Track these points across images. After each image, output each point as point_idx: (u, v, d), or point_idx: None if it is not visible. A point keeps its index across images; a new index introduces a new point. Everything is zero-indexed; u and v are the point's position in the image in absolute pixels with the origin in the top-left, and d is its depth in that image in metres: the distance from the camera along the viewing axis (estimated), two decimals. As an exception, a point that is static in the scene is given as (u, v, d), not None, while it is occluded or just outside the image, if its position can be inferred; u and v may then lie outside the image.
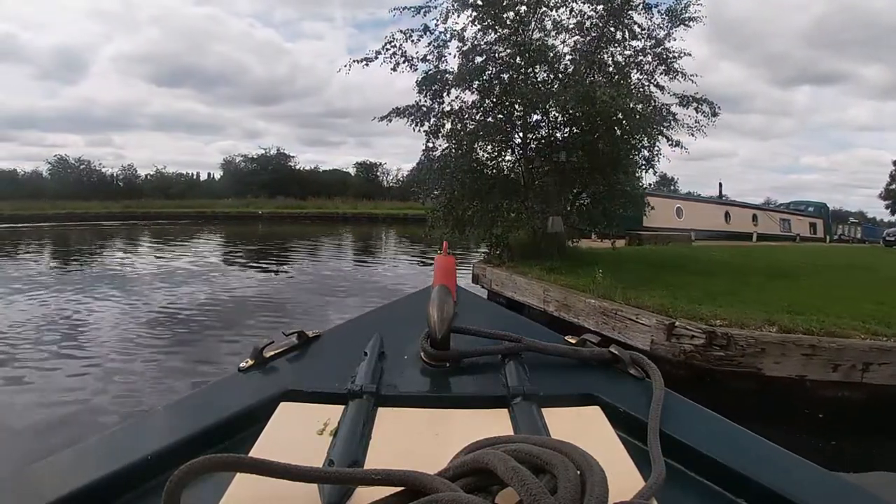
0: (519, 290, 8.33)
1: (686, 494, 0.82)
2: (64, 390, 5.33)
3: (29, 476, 0.81)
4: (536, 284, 7.89)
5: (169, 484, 0.61)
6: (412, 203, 44.17)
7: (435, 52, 10.06)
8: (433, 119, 10.17)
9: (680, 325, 5.63)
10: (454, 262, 1.39)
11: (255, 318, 8.72)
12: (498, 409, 0.99)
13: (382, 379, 1.07)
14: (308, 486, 0.71)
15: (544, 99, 9.16)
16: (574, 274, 8.42)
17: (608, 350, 1.17)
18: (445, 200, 10.17)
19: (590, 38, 10.10)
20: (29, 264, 15.26)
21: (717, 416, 1.00)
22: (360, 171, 54.10)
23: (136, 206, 37.73)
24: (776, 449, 0.90)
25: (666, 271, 9.51)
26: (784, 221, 28.02)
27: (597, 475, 0.64)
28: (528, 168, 10.54)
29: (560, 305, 7.23)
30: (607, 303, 6.56)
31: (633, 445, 0.90)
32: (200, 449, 0.82)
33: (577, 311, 6.87)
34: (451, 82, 9.86)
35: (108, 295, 10.21)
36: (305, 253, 19.95)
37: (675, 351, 5.57)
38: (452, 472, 0.69)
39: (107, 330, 7.64)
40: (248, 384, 1.08)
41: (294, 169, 51.01)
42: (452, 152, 10.00)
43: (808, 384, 5.14)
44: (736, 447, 0.88)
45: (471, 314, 1.33)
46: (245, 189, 45.03)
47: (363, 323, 1.45)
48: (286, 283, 12.98)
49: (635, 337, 5.97)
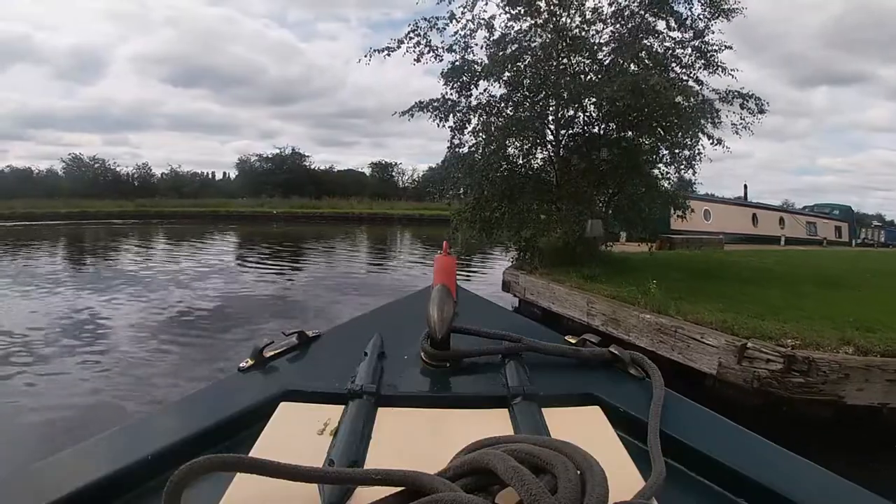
0: (558, 300, 7.59)
1: (686, 494, 0.81)
2: (77, 386, 5.47)
3: (29, 476, 0.81)
4: (578, 295, 7.14)
5: (169, 484, 0.61)
6: (428, 203, 44.28)
7: (462, 41, 9.39)
8: (459, 114, 9.48)
9: (753, 348, 4.94)
10: (454, 262, 1.36)
11: (270, 319, 8.63)
12: (498, 409, 0.99)
13: (382, 379, 1.07)
14: (308, 486, 0.70)
15: (586, 90, 8.37)
16: (614, 282, 7.71)
17: (608, 350, 1.16)
18: (473, 201, 9.39)
19: (630, 27, 9.33)
20: (39, 262, 15.28)
21: (717, 416, 1.00)
22: (375, 171, 53.38)
23: (150, 205, 37.38)
24: (776, 449, 0.89)
25: (712, 279, 8.85)
26: (810, 225, 27.08)
27: (597, 475, 0.64)
28: (564, 166, 9.73)
29: (607, 320, 6.49)
30: (664, 318, 5.81)
31: (633, 445, 0.89)
32: (200, 449, 0.82)
33: (629, 326, 6.13)
34: (480, 73, 9.09)
35: (115, 293, 10.19)
36: (319, 254, 19.35)
37: (747, 376, 4.91)
38: (452, 472, 0.69)
39: (113, 327, 7.74)
40: (248, 384, 1.08)
41: (309, 169, 50.25)
42: (481, 149, 9.25)
43: (885, 412, 4.65)
44: (736, 447, 0.88)
45: (471, 314, 1.33)
46: (260, 188, 44.60)
47: (363, 323, 1.45)
48: (300, 285, 12.33)
49: (699, 359, 5.25)
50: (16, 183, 39.27)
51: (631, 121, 9.04)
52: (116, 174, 45.43)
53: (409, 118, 9.67)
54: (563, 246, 8.82)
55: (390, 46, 9.44)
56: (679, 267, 10.20)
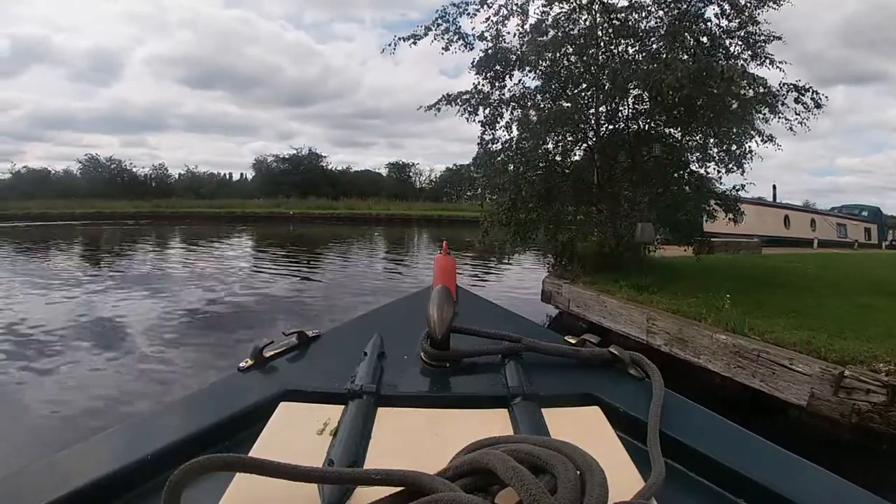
0: (610, 314, 6.76)
1: (686, 494, 0.81)
2: (93, 382, 5.51)
3: (29, 476, 0.79)
4: (635, 310, 6.32)
5: (169, 484, 0.61)
6: (446, 204, 43.82)
7: (494, 28, 8.62)
8: (489, 108, 8.73)
9: (851, 376, 4.22)
10: (454, 262, 1.36)
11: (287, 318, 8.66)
12: (498, 409, 0.99)
13: (382, 379, 1.07)
14: (308, 486, 0.70)
15: (641, 79, 7.63)
16: (667, 293, 6.94)
17: (608, 350, 1.16)
18: (508, 201, 8.52)
19: (676, 12, 8.57)
20: (52, 261, 15.33)
21: (716, 416, 0.99)
22: (392, 172, 52.87)
23: (166, 206, 37.07)
24: (776, 449, 0.89)
25: (768, 289, 8.02)
26: (840, 226, 26.15)
27: (597, 475, 0.64)
28: (609, 163, 8.89)
29: (672, 339, 5.68)
30: (742, 339, 5.07)
31: (633, 445, 0.89)
32: (200, 449, 0.82)
33: (699, 348, 5.37)
34: (516, 62, 8.34)
35: (116, 292, 10.21)
36: (336, 256, 18.60)
37: (844, 410, 4.26)
38: (452, 472, 0.69)
39: (124, 326, 7.74)
40: (248, 384, 1.07)
41: (326, 169, 49.86)
42: (519, 144, 8.50)
43: None
44: (736, 447, 0.88)
45: (471, 314, 1.32)
46: (276, 189, 44.32)
47: (363, 323, 1.46)
48: (316, 292, 11.56)
49: (786, 388, 4.53)
50: (32, 184, 39.49)
51: (678, 115, 8.29)
52: (133, 175, 45.50)
53: (435, 113, 8.95)
54: (609, 252, 8.07)
55: (416, 34, 8.76)
56: (728, 274, 9.37)
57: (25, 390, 5.30)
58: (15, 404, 4.99)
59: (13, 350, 6.39)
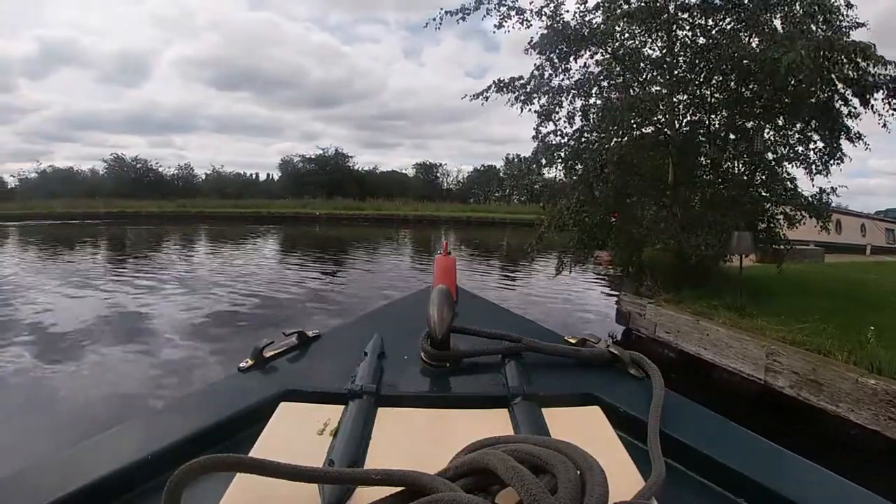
0: (715, 345, 5.51)
1: (686, 494, 0.79)
2: (116, 376, 5.66)
3: (29, 476, 0.78)
4: (750, 341, 5.06)
5: (169, 484, 0.60)
6: (474, 205, 42.64)
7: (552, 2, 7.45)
8: (548, 95, 7.60)
9: None
10: (454, 262, 1.36)
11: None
12: (498, 409, 0.97)
13: (382, 379, 1.05)
14: (308, 486, 0.69)
15: (751, 57, 6.37)
16: (770, 315, 5.68)
17: (608, 350, 1.13)
18: (576, 203, 7.32)
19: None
20: (76, 260, 15.46)
21: (716, 416, 0.97)
22: (419, 172, 51.78)
23: (191, 206, 36.61)
24: (776, 449, 0.87)
25: (869, 309, 6.61)
26: (889, 232, 24.60)
27: (597, 475, 0.63)
28: (690, 161, 7.67)
29: (801, 381, 4.47)
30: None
31: (633, 445, 0.87)
32: (200, 449, 0.81)
33: (838, 393, 4.14)
34: (591, 36, 7.14)
35: (132, 290, 10.23)
36: (362, 260, 17.50)
37: None
38: (452, 472, 0.68)
39: (146, 323, 7.92)
40: (248, 384, 1.05)
41: (352, 169, 49.01)
42: (595, 135, 7.30)
43: None
44: (736, 447, 0.86)
45: (471, 314, 1.31)
46: (302, 189, 43.74)
47: (363, 323, 1.45)
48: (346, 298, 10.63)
49: None
50: (58, 183, 39.47)
51: (779, 105, 7.04)
52: (159, 175, 45.32)
53: (482, 102, 7.84)
54: (695, 264, 6.83)
55: (466, 7, 7.66)
56: (818, 290, 8.02)
57: (44, 383, 5.42)
58: (35, 397, 5.12)
59: (32, 345, 6.57)
